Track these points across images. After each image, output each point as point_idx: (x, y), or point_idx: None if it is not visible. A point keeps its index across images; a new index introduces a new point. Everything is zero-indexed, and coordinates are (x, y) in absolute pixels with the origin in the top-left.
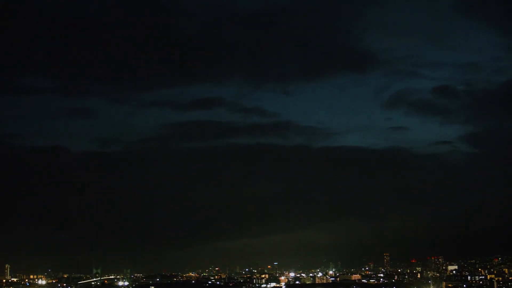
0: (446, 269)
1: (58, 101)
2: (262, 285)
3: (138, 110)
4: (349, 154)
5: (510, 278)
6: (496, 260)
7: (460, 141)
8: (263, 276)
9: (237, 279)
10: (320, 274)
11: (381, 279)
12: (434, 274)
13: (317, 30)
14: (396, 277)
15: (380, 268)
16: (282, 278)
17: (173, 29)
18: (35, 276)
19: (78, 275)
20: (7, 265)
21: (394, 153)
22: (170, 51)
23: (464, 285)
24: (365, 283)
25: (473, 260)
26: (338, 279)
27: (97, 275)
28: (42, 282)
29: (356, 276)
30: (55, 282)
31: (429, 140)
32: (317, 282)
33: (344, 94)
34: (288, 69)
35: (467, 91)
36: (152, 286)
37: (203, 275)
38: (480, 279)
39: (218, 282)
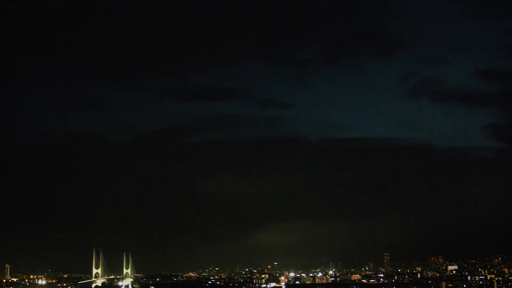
0: (446, 269)
1: (67, 91)
2: (262, 285)
3: (151, 99)
4: (364, 147)
5: (510, 278)
6: (496, 260)
7: (484, 135)
8: (263, 276)
9: (237, 279)
10: (320, 274)
11: (381, 279)
12: (434, 274)
13: (342, 9)
14: (396, 277)
15: (380, 268)
16: (282, 278)
17: (181, 11)
18: (35, 276)
19: (78, 275)
20: (7, 265)
21: (414, 147)
22: (179, 36)
23: (464, 285)
24: (365, 283)
25: (473, 260)
26: (338, 279)
27: (97, 275)
28: (42, 282)
29: (356, 276)
30: (55, 282)
31: (451, 134)
32: (317, 282)
33: (366, 81)
34: (307, 54)
35: (500, 77)
36: (152, 286)
37: (203, 275)
38: (480, 279)
39: (218, 282)
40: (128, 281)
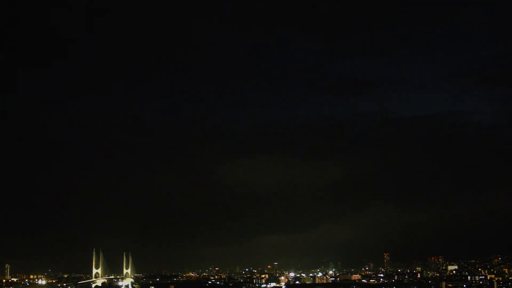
0: (446, 269)
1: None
2: (262, 285)
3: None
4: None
5: (510, 278)
6: (496, 260)
7: None
8: (263, 276)
9: (237, 279)
10: (320, 274)
11: (381, 279)
12: (434, 274)
13: None
14: (396, 277)
15: (380, 268)
16: (282, 278)
17: None
18: (35, 276)
19: (78, 275)
20: (7, 265)
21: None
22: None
23: (464, 285)
24: (365, 283)
25: (473, 260)
26: (338, 279)
27: (97, 275)
28: (42, 282)
29: (356, 276)
30: (55, 282)
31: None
32: (317, 282)
33: (403, 56)
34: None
35: None
36: (152, 286)
37: (203, 275)
38: (480, 279)
39: (218, 282)
40: (128, 281)
